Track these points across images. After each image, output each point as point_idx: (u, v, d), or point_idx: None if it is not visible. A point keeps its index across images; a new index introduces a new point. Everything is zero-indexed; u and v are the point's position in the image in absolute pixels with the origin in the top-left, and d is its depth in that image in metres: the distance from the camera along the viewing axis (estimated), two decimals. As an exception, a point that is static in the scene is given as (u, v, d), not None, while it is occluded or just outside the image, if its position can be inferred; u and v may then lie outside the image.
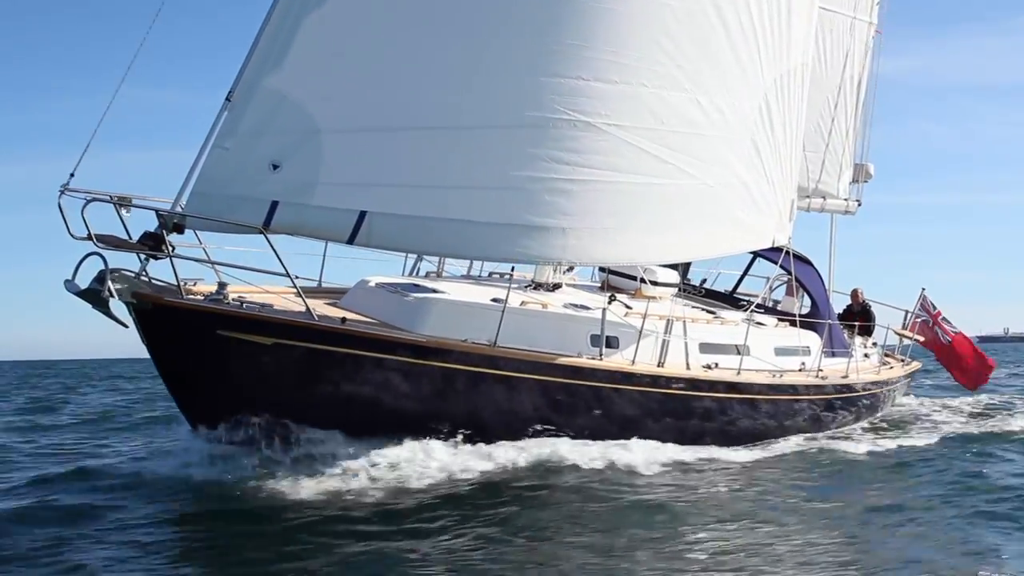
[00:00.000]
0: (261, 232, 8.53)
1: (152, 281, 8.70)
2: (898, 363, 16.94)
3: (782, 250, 12.63)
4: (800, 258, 13.86)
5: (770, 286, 15.13)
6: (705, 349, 11.48)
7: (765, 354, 12.34)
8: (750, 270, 15.30)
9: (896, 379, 15.83)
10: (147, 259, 8.40)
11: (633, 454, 9.78)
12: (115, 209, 8.29)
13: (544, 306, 10.52)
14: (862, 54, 16.57)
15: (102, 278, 7.91)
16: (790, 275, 13.80)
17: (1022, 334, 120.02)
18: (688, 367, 11.05)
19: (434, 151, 9.11)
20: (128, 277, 8.36)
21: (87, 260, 7.98)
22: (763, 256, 14.29)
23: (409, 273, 12.01)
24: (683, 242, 10.70)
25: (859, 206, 17.73)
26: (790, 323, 13.30)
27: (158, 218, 8.21)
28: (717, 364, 11.37)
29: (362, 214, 8.90)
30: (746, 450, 11.14)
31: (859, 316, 16.39)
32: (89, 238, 7.90)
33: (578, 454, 9.48)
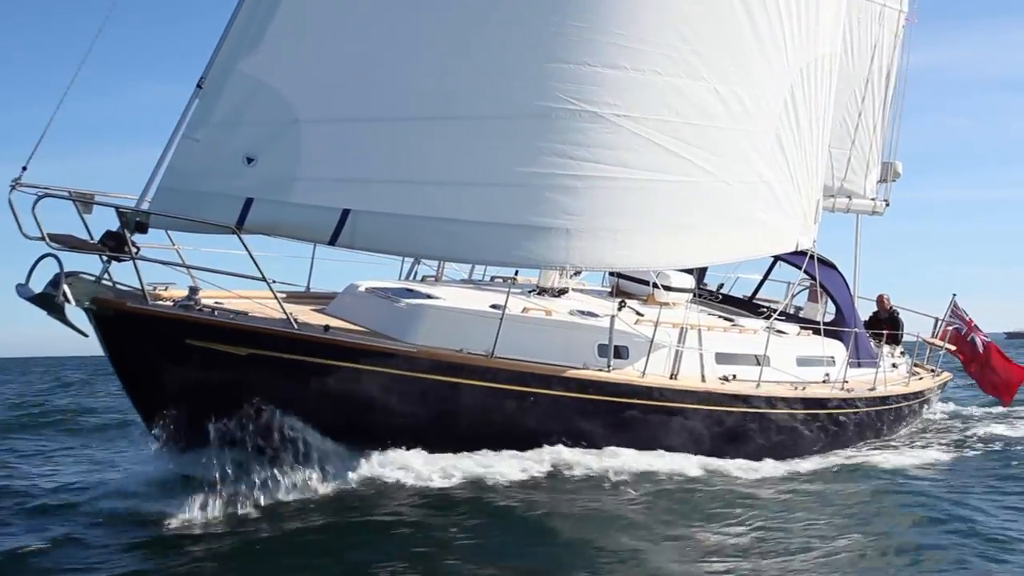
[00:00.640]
0: (234, 232, 7.87)
1: (116, 286, 8.06)
2: (928, 373, 16.21)
3: (805, 253, 11.89)
4: (824, 262, 13.17)
5: (792, 292, 14.46)
6: (722, 359, 10.83)
7: (786, 365, 11.68)
8: (770, 274, 14.59)
9: (927, 391, 15.08)
10: (109, 261, 7.77)
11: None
12: (75, 207, 7.71)
13: (548, 313, 9.83)
14: (892, 45, 15.75)
15: (56, 282, 7.31)
16: (814, 280, 13.14)
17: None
18: (703, 379, 10.40)
19: (424, 144, 8.36)
20: (87, 281, 7.72)
21: (42, 262, 7.38)
22: (785, 260, 13.63)
23: (406, 277, 11.40)
24: (699, 245, 9.93)
25: (887, 206, 16.98)
26: (813, 331, 12.67)
27: (118, 217, 7.55)
28: (735, 376, 10.70)
29: (345, 212, 8.19)
30: (754, 470, 10.17)
31: (886, 324, 15.66)
32: (42, 238, 7.26)
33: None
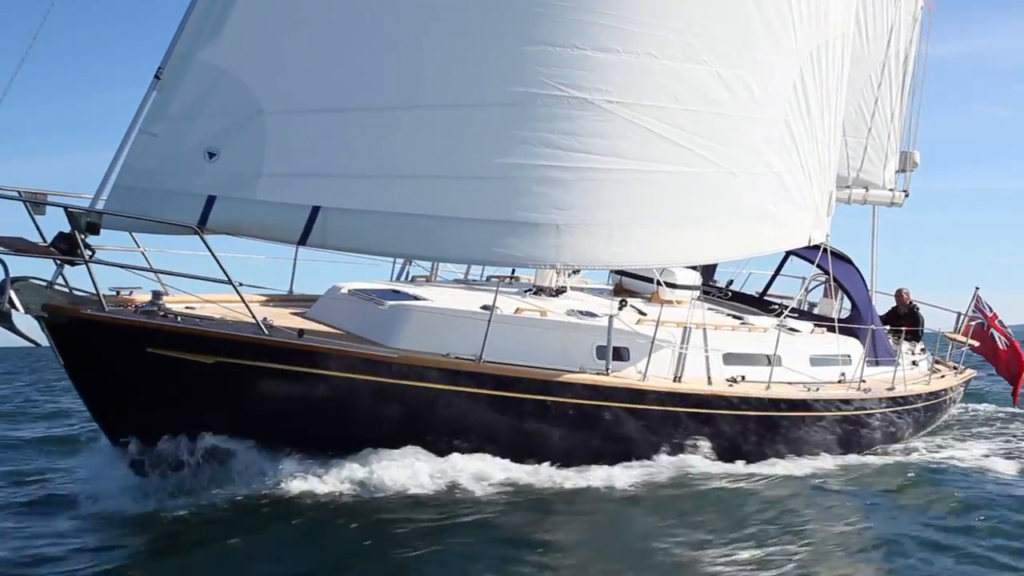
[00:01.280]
0: (196, 232, 7.38)
1: (73, 291, 7.59)
2: (950, 371, 15.47)
3: (819, 247, 11.27)
4: (839, 256, 12.51)
5: (805, 288, 13.77)
6: (730, 360, 10.21)
7: (799, 364, 11.04)
8: (782, 270, 13.91)
9: (949, 389, 14.37)
10: (61, 265, 7.31)
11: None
12: (26, 207, 7.25)
13: (543, 314, 9.22)
14: (909, 27, 15.03)
15: (2, 288, 6.85)
16: (828, 275, 12.46)
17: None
18: (710, 381, 9.77)
19: (397, 135, 7.82)
20: (37, 287, 7.29)
21: None
22: (797, 254, 12.93)
23: (397, 277, 10.83)
24: (703, 241, 9.30)
25: (906, 197, 16.26)
26: (828, 329, 12.03)
27: (68, 217, 7.05)
28: (744, 377, 10.09)
29: (315, 210, 7.68)
30: (762, 474, 9.63)
31: (905, 319, 14.88)
32: None
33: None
